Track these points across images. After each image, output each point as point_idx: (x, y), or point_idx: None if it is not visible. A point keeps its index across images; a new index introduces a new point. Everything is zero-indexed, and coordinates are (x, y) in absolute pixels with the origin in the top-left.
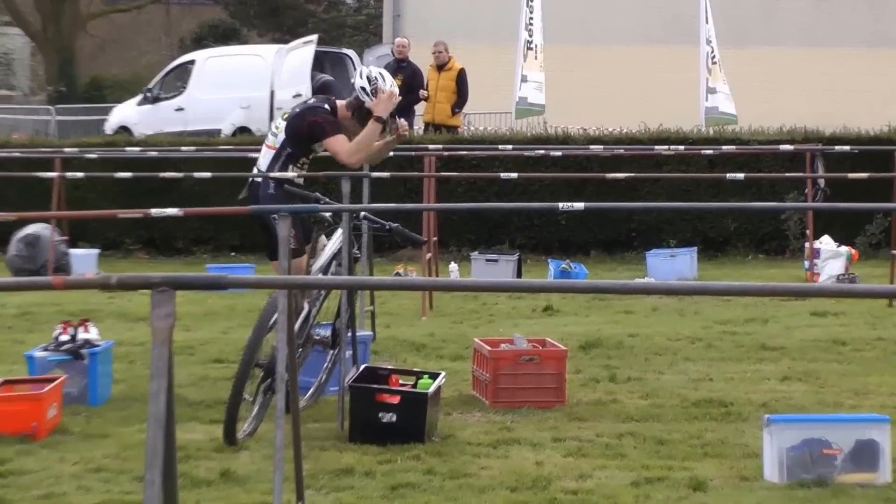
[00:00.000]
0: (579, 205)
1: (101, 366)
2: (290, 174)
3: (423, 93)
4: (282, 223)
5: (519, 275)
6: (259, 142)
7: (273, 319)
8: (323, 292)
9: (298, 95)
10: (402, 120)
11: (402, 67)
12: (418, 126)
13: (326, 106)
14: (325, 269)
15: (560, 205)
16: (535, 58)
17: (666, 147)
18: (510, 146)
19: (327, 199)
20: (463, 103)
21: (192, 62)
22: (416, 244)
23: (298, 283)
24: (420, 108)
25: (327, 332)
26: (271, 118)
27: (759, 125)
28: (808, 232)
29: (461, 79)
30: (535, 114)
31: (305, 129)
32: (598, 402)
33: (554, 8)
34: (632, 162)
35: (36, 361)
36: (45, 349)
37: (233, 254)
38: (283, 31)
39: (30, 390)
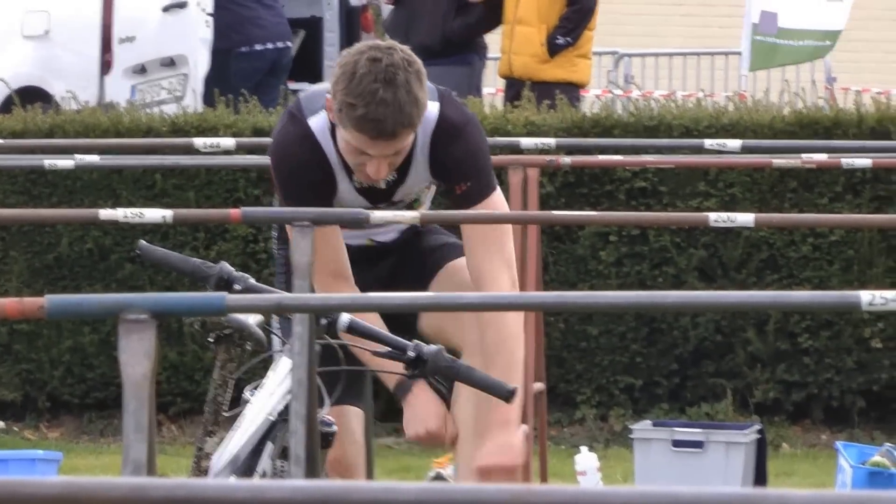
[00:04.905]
0: None
1: None
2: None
3: None
4: (126, 346)
5: (760, 478)
6: None
7: None
8: None
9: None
10: None
11: None
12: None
13: (311, 119)
14: (245, 465)
15: (864, 295)
16: None
17: None
18: (736, 144)
19: (249, 279)
20: (579, 24)
21: None
22: (497, 397)
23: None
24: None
25: None
26: None
27: None
28: None
29: None
30: (803, 58)
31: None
32: None
33: None
34: None
35: None
36: None
37: (2, 424)
38: None
39: None
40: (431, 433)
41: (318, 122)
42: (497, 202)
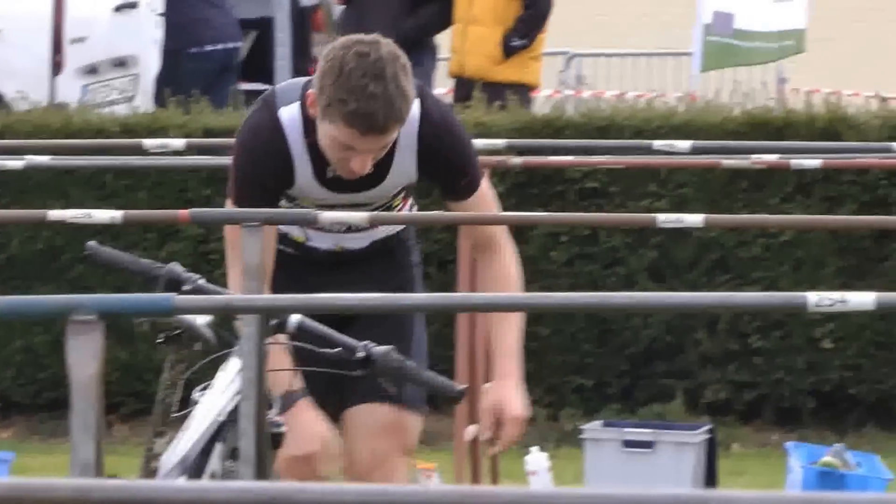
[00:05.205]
0: (862, 297)
1: None
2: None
3: None
4: (74, 347)
5: (710, 478)
6: None
7: None
8: None
9: None
10: None
11: None
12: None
13: (283, 109)
14: (195, 466)
15: (811, 296)
16: None
17: None
18: (686, 145)
19: (199, 280)
20: (535, 26)
21: None
22: (446, 397)
23: None
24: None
25: None
26: None
27: None
28: None
29: None
30: (760, 59)
31: None
32: None
33: None
34: None
35: None
36: None
37: None
38: None
39: None
40: (307, 456)
41: (289, 113)
42: (486, 185)
